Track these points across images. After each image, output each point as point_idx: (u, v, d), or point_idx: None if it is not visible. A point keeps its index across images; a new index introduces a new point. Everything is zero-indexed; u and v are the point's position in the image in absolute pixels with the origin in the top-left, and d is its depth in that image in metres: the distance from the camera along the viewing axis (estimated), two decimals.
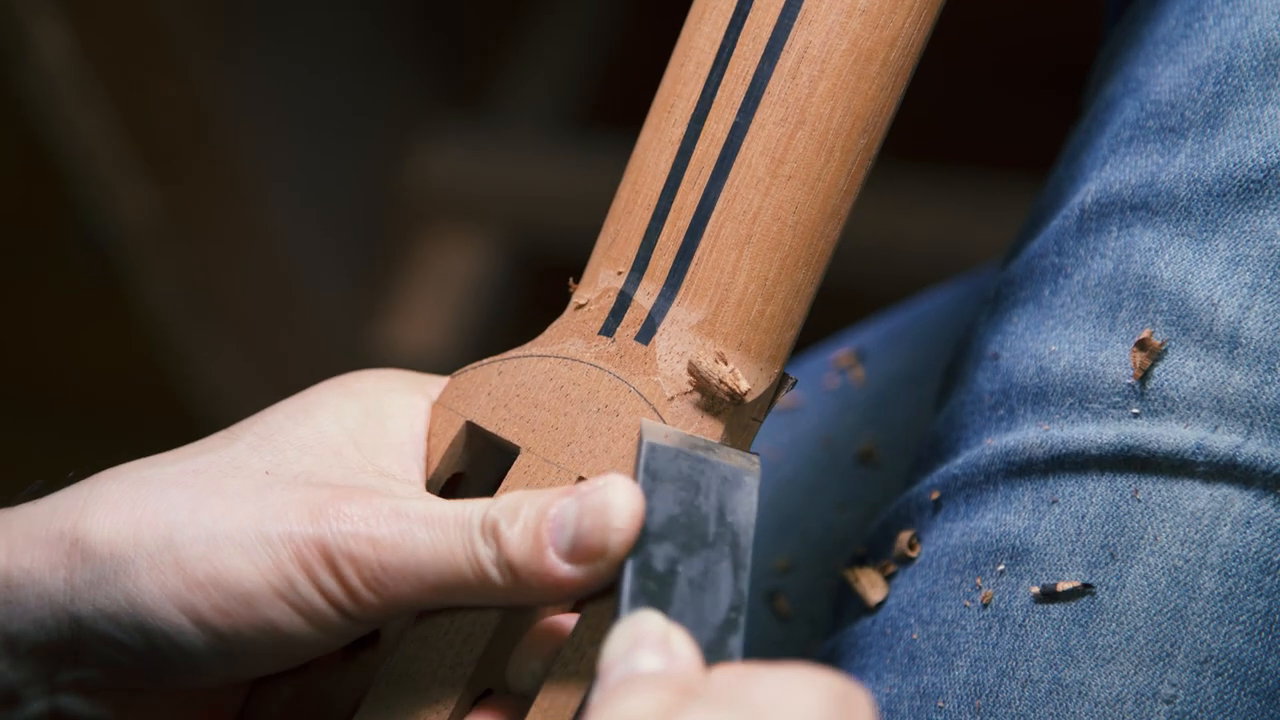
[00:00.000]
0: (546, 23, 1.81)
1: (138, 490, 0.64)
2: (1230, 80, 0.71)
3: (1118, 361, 0.70)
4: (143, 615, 0.63)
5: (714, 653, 0.61)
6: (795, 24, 0.66)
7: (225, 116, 1.58)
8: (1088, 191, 0.73)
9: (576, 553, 0.62)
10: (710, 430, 0.66)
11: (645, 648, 0.59)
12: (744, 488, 0.64)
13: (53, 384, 1.75)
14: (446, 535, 0.63)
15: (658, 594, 0.61)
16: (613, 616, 0.62)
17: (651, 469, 0.63)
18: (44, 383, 1.75)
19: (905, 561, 0.73)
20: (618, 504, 0.62)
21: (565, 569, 0.63)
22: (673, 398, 0.66)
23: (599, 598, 0.64)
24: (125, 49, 1.51)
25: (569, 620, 0.66)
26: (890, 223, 1.55)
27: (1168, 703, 0.67)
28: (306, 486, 0.64)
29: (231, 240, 1.62)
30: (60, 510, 0.64)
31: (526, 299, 1.78)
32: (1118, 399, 0.69)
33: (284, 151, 1.64)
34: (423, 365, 0.79)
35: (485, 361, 0.68)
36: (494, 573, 0.63)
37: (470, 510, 0.63)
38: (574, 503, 0.63)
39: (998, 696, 0.68)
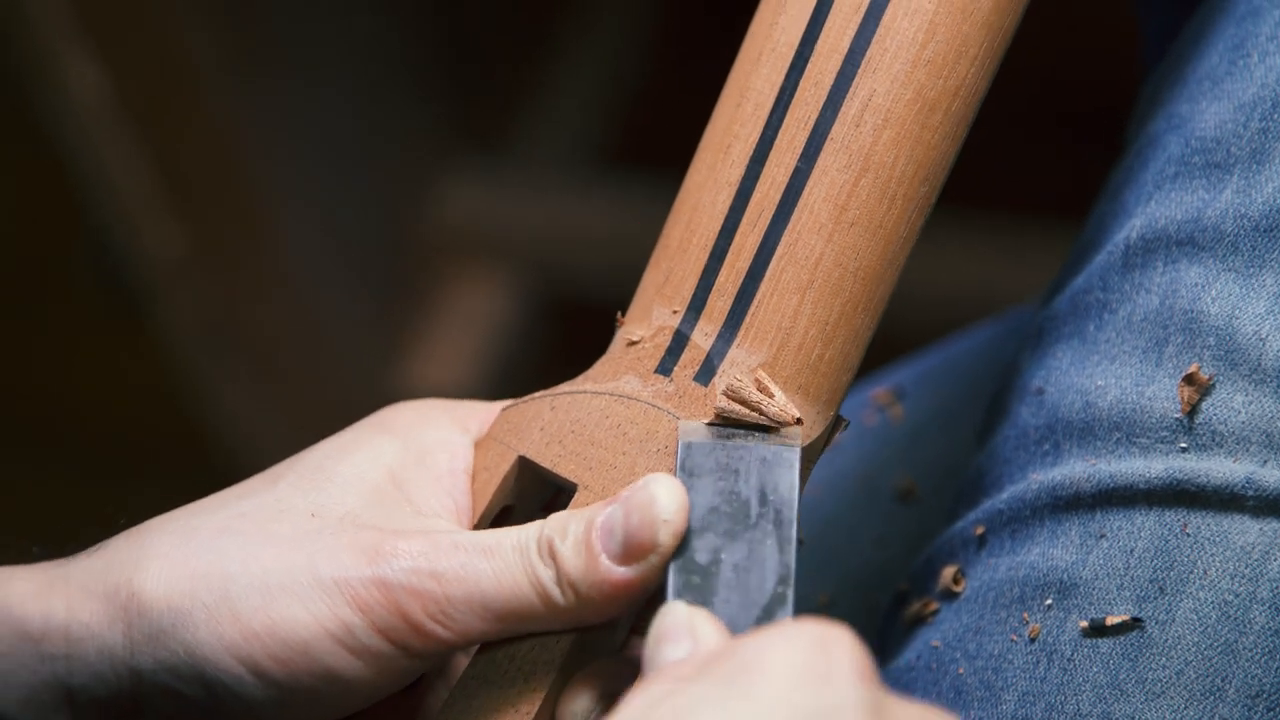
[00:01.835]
0: (571, 62, 1.82)
1: (188, 541, 0.64)
2: (1276, 116, 0.71)
3: (1165, 396, 0.70)
4: (202, 667, 0.63)
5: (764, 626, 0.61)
6: (859, 72, 0.67)
7: (250, 153, 1.58)
8: (1133, 227, 0.73)
9: (629, 552, 0.63)
10: None
11: (669, 639, 0.60)
12: (784, 463, 0.64)
13: (75, 418, 1.75)
14: (507, 562, 0.63)
15: (701, 586, 0.62)
16: None
17: (689, 467, 0.64)
18: (66, 417, 1.75)
19: (950, 597, 0.73)
20: (662, 497, 0.63)
21: (620, 571, 0.63)
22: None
23: None
24: (153, 85, 1.52)
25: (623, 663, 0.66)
26: (921, 265, 1.55)
27: None
28: (355, 529, 0.64)
29: (254, 276, 1.62)
30: (115, 564, 0.64)
31: (548, 338, 1.78)
32: (1165, 434, 0.69)
33: (308, 188, 1.65)
34: None
35: (536, 396, 0.68)
36: (556, 592, 0.63)
37: (525, 535, 0.64)
38: (619, 507, 0.64)
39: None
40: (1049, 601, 0.70)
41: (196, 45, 1.53)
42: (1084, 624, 0.69)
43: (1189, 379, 0.69)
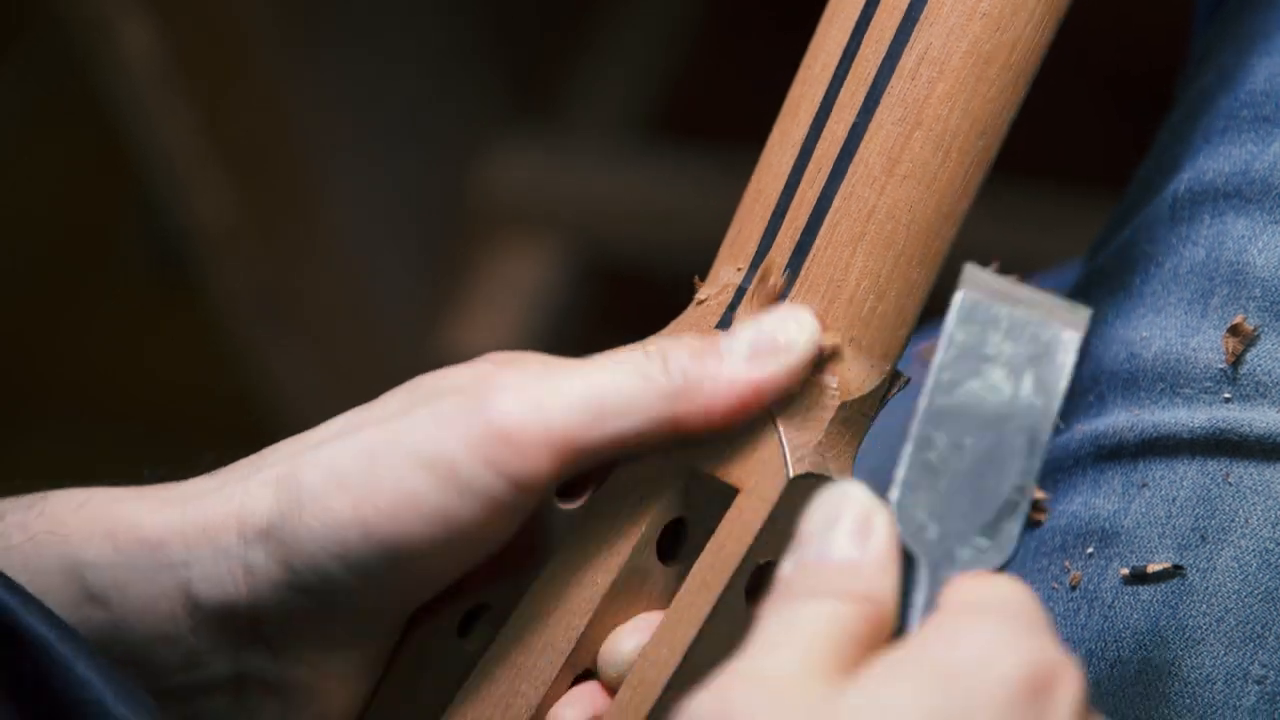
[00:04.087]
0: (621, 32, 1.82)
1: (298, 457, 0.64)
2: None
3: (1209, 347, 0.70)
4: (314, 551, 0.63)
5: (987, 534, 0.58)
6: (917, 26, 0.67)
7: (301, 118, 1.59)
8: (1180, 181, 0.73)
9: (757, 349, 0.64)
10: (815, 425, 0.66)
11: (842, 529, 0.57)
12: (1062, 347, 0.61)
13: (123, 387, 1.76)
14: (609, 365, 0.63)
15: (934, 466, 0.59)
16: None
17: (957, 340, 0.61)
18: (114, 382, 1.76)
19: None
20: (797, 309, 0.65)
21: (741, 364, 0.63)
22: None
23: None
24: (206, 50, 1.53)
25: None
26: (968, 224, 1.55)
27: (1258, 683, 0.67)
28: (455, 389, 0.64)
29: (303, 242, 1.63)
30: (229, 485, 0.64)
31: (592, 306, 1.79)
32: (1209, 384, 0.70)
33: (357, 154, 1.65)
34: None
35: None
36: (658, 369, 0.63)
37: (629, 349, 0.64)
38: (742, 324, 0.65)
39: (1085, 676, 0.68)
40: (1090, 550, 0.70)
41: (249, 10, 1.54)
42: (1125, 572, 0.69)
43: (1234, 330, 0.70)
